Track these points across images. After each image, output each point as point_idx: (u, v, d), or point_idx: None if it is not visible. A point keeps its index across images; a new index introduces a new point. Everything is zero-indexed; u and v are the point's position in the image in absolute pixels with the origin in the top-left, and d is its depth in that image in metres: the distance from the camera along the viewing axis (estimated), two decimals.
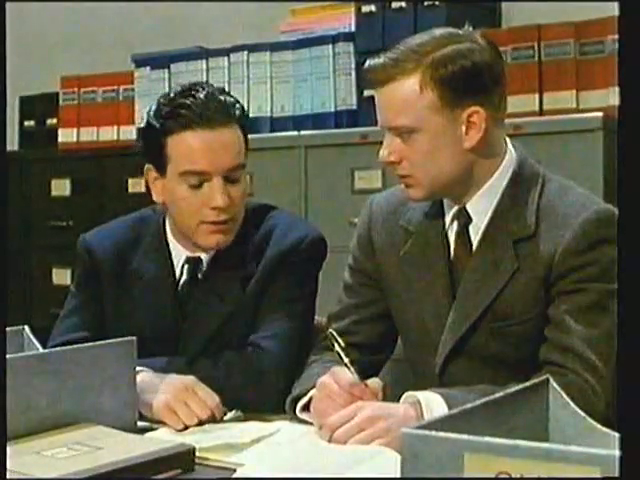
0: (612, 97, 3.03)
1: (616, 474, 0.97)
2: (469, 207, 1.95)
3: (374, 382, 1.82)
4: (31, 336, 1.93)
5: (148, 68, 4.00)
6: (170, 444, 1.62)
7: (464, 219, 1.96)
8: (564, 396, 1.43)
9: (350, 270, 2.14)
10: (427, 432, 1.10)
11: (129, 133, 4.06)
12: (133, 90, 4.04)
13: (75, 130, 4.16)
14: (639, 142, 1.02)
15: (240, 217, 2.14)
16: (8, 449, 1.52)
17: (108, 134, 4.11)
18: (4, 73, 1.54)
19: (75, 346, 1.74)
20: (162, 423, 1.87)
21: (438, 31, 1.89)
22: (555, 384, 1.43)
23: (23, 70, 4.55)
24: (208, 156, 2.05)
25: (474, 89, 1.87)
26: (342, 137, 3.47)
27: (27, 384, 1.64)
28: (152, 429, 1.83)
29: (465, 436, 1.08)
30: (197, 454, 1.62)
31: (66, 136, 4.17)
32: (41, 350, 1.81)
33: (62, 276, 3.97)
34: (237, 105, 2.11)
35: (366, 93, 3.41)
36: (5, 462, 1.35)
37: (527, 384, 1.43)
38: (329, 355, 2.02)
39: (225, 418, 1.93)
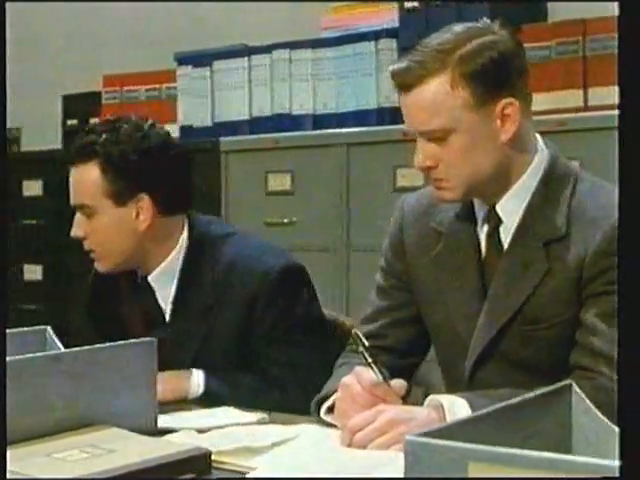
0: None
1: None
2: (499, 208, 1.90)
3: (398, 383, 1.77)
4: (53, 336, 1.91)
5: (190, 66, 3.98)
6: (185, 447, 1.59)
7: (494, 220, 1.91)
8: (587, 401, 1.37)
9: (381, 272, 2.10)
10: (429, 440, 1.05)
11: (172, 132, 4.03)
12: (175, 88, 4.02)
13: None
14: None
15: (113, 252, 2.17)
16: (20, 451, 1.52)
17: None
18: (4, 73, 1.53)
19: (92, 347, 1.71)
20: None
21: (457, 27, 1.84)
22: (578, 388, 1.38)
23: (66, 69, 4.57)
24: (71, 191, 2.17)
25: (504, 80, 1.82)
26: (384, 134, 3.42)
27: (43, 385, 1.61)
28: (173, 431, 1.80)
29: (468, 445, 1.03)
30: (214, 457, 1.59)
31: None
32: (60, 351, 1.79)
33: None
34: (99, 142, 2.10)
35: None
36: (5, 462, 1.32)
37: (548, 389, 1.37)
38: (359, 357, 1.99)
39: (248, 420, 1.89)
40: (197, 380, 2.14)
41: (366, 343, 1.78)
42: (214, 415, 1.95)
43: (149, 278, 2.23)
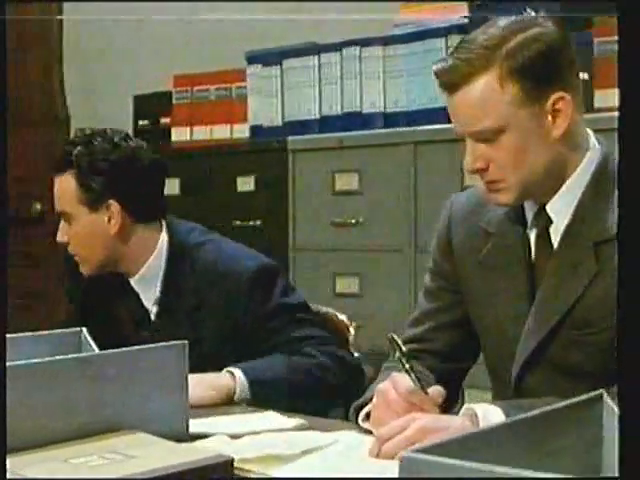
0: None
1: None
2: (549, 208, 1.82)
3: (436, 390, 1.70)
4: (88, 337, 1.88)
5: (260, 65, 3.94)
6: (208, 454, 1.54)
7: (544, 220, 1.83)
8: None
9: (429, 273, 2.03)
10: (425, 457, 0.98)
11: (242, 131, 4.02)
12: (245, 88, 3.99)
13: (188, 129, 4.13)
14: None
15: (91, 255, 2.34)
16: (37, 455, 1.49)
17: (221, 132, 4.07)
18: (4, 73, 1.52)
19: (121, 349, 1.68)
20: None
21: (502, 21, 1.77)
22: (610, 400, 1.29)
23: (137, 69, 4.58)
24: (54, 200, 2.36)
25: (554, 73, 1.74)
26: (453, 133, 3.33)
27: (67, 388, 1.58)
28: (205, 436, 1.76)
29: (467, 462, 0.96)
30: (239, 465, 1.54)
31: (179, 135, 4.15)
32: (87, 353, 1.75)
33: None
34: (74, 154, 2.28)
35: None
36: (5, 462, 1.30)
37: (577, 399, 1.29)
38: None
39: (287, 426, 1.84)
40: (240, 378, 2.14)
41: (403, 348, 1.71)
42: (250, 421, 1.90)
43: (132, 282, 2.39)
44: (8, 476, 1.33)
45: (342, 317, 2.57)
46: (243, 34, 4.29)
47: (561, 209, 1.80)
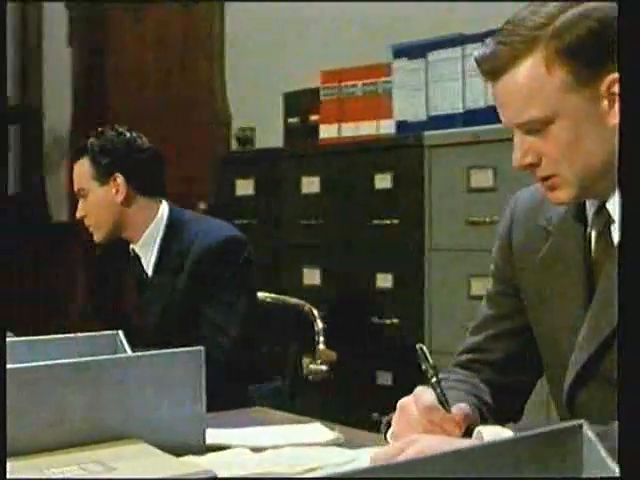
0: None
1: None
2: (609, 205, 1.61)
3: (460, 409, 1.54)
4: (124, 340, 1.83)
5: (405, 59, 3.82)
6: (192, 470, 1.45)
7: (604, 218, 1.62)
8: (601, 451, 1.10)
9: (491, 277, 1.86)
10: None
11: (388, 127, 3.90)
12: (391, 83, 3.87)
13: (336, 125, 4.04)
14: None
15: (102, 222, 2.85)
16: (19, 464, 1.44)
17: (367, 129, 3.96)
18: (4, 73, 1.49)
19: (123, 355, 1.62)
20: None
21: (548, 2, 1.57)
22: (591, 432, 1.11)
23: (287, 66, 4.54)
24: (74, 182, 2.91)
25: (608, 52, 1.52)
26: None
27: (58, 395, 1.52)
28: (224, 448, 1.66)
29: None
30: None
31: (327, 132, 4.07)
32: (84, 359, 1.69)
33: (311, 276, 3.88)
34: (88, 144, 2.85)
35: None
36: (5, 462, 1.25)
37: (556, 427, 1.12)
38: (460, 374, 1.77)
39: (320, 441, 1.72)
40: None
41: (430, 360, 1.56)
42: (286, 433, 1.79)
43: (135, 247, 2.88)
44: None
45: (309, 306, 2.93)
46: (388, 27, 4.17)
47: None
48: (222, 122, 4.88)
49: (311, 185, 3.87)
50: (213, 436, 1.71)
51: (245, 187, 4.14)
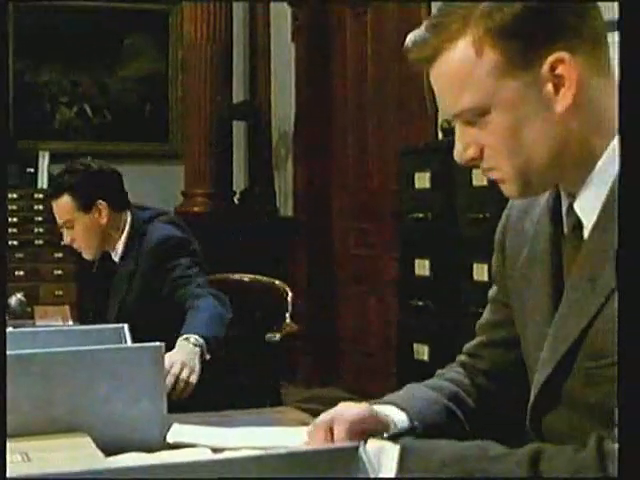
0: None
1: None
2: (577, 205, 1.44)
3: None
4: (127, 334, 1.87)
5: None
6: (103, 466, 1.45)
7: (572, 219, 1.47)
8: (371, 472, 1.02)
9: (493, 281, 1.73)
10: None
11: None
12: None
13: None
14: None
15: (91, 244, 3.13)
16: None
17: None
18: (4, 73, 1.53)
19: (72, 349, 1.65)
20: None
21: None
22: (366, 455, 1.02)
23: None
24: (56, 217, 3.17)
25: (549, 30, 1.35)
26: None
27: (10, 385, 1.57)
28: (185, 446, 1.66)
29: None
30: None
31: None
32: (32, 351, 1.73)
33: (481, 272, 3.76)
34: (65, 181, 3.11)
35: None
36: (5, 462, 1.32)
37: (333, 446, 1.05)
38: (454, 372, 1.69)
39: (289, 444, 1.67)
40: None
41: None
42: (260, 435, 1.75)
43: (115, 258, 3.16)
44: None
45: (279, 283, 3.34)
46: None
47: (588, 205, 1.41)
48: (429, 114, 4.82)
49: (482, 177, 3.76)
50: (184, 434, 1.70)
51: (422, 180, 4.08)
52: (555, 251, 1.49)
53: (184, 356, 2.49)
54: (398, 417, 1.53)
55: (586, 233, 1.42)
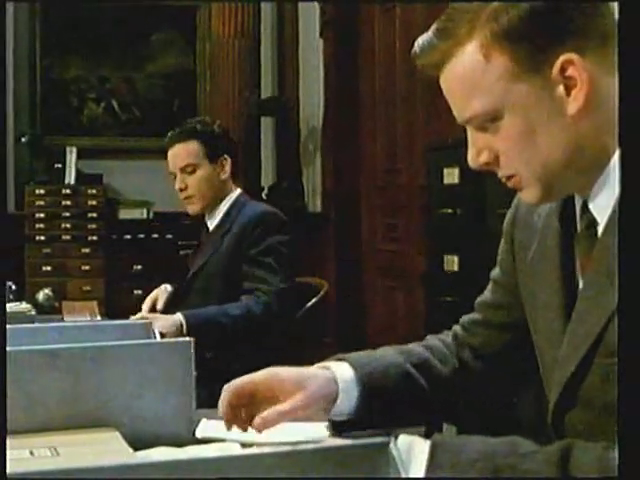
0: None
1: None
2: (591, 202, 1.41)
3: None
4: (156, 330, 1.86)
5: None
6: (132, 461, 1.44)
7: (588, 219, 1.44)
8: (402, 469, 1.00)
9: (497, 264, 1.71)
10: None
11: None
12: None
13: None
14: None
15: (205, 195, 3.20)
16: None
17: None
18: (4, 73, 1.52)
19: (100, 344, 1.63)
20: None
21: None
22: (397, 451, 1.01)
23: None
24: (174, 160, 3.26)
25: (556, 31, 1.34)
26: None
27: (32, 380, 1.57)
28: (214, 440, 1.64)
29: None
30: None
31: None
32: (58, 346, 1.72)
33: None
34: (197, 128, 3.23)
35: None
36: (5, 462, 1.32)
37: (363, 442, 1.03)
38: (438, 339, 1.75)
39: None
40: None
41: None
42: (277, 429, 1.73)
43: (208, 221, 3.29)
44: None
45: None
46: None
47: (602, 203, 1.39)
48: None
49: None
50: (213, 429, 1.69)
51: (451, 176, 4.05)
52: (565, 248, 1.47)
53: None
54: (347, 374, 1.60)
55: (600, 230, 1.41)
